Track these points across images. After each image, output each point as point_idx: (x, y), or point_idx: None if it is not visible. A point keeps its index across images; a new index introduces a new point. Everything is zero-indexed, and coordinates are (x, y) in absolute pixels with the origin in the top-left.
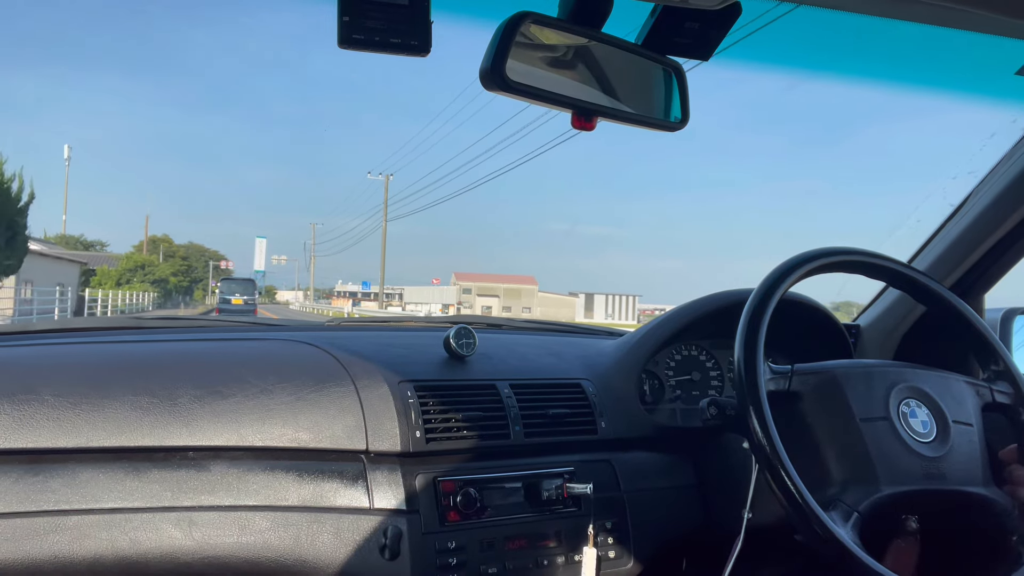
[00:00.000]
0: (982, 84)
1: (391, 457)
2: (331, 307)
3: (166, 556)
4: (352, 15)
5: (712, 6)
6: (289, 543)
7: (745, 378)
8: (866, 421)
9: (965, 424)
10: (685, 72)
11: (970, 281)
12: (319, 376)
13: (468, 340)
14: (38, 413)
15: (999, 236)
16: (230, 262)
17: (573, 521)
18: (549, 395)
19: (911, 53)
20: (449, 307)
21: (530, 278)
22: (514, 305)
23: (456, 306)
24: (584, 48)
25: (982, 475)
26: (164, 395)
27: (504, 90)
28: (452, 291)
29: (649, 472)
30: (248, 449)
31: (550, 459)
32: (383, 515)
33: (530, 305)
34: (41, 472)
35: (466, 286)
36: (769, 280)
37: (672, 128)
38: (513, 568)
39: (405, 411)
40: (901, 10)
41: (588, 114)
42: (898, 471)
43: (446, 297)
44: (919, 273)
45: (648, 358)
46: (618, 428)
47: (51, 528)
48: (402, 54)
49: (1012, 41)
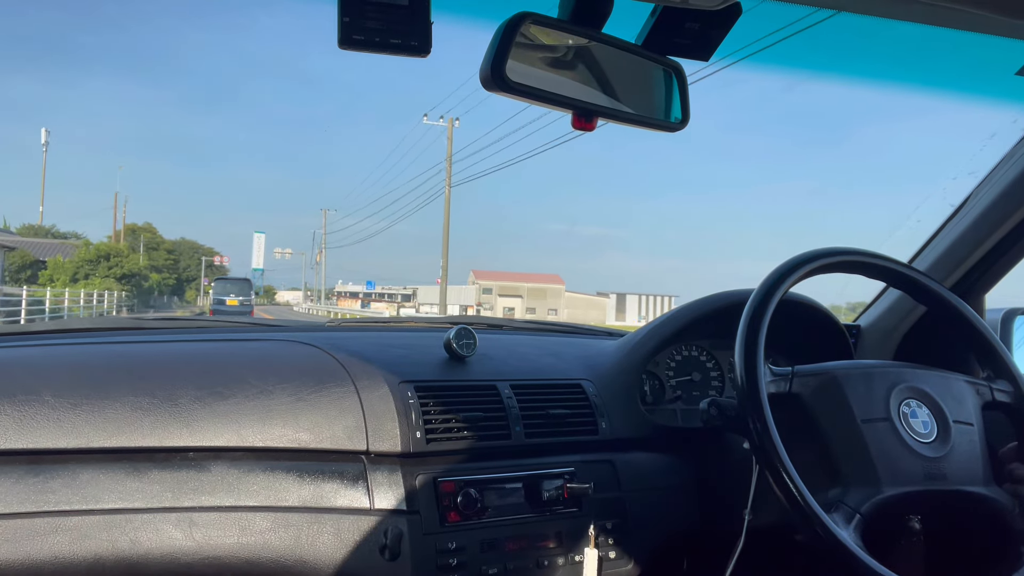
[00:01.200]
0: (982, 84)
1: (391, 458)
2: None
3: (166, 556)
4: (352, 16)
5: (712, 6)
6: (289, 544)
7: (745, 378)
8: (867, 422)
9: (966, 424)
10: (685, 72)
11: (970, 281)
12: (319, 377)
13: (468, 341)
14: (38, 414)
15: (999, 236)
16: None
17: (573, 521)
18: (550, 395)
19: (911, 53)
20: (468, 308)
21: (555, 277)
22: (539, 306)
23: (475, 307)
24: (584, 48)
25: (983, 475)
26: (164, 396)
27: (504, 90)
28: (471, 291)
29: (650, 472)
30: (248, 450)
31: (551, 459)
32: (383, 516)
33: (556, 306)
34: (41, 473)
35: (486, 285)
36: (769, 281)
37: (672, 128)
38: (514, 568)
39: (405, 412)
40: (901, 10)
41: (588, 114)
42: (899, 472)
43: (465, 297)
44: (919, 273)
45: (648, 358)
46: (619, 428)
47: (51, 529)
48: (402, 54)
49: (1012, 41)
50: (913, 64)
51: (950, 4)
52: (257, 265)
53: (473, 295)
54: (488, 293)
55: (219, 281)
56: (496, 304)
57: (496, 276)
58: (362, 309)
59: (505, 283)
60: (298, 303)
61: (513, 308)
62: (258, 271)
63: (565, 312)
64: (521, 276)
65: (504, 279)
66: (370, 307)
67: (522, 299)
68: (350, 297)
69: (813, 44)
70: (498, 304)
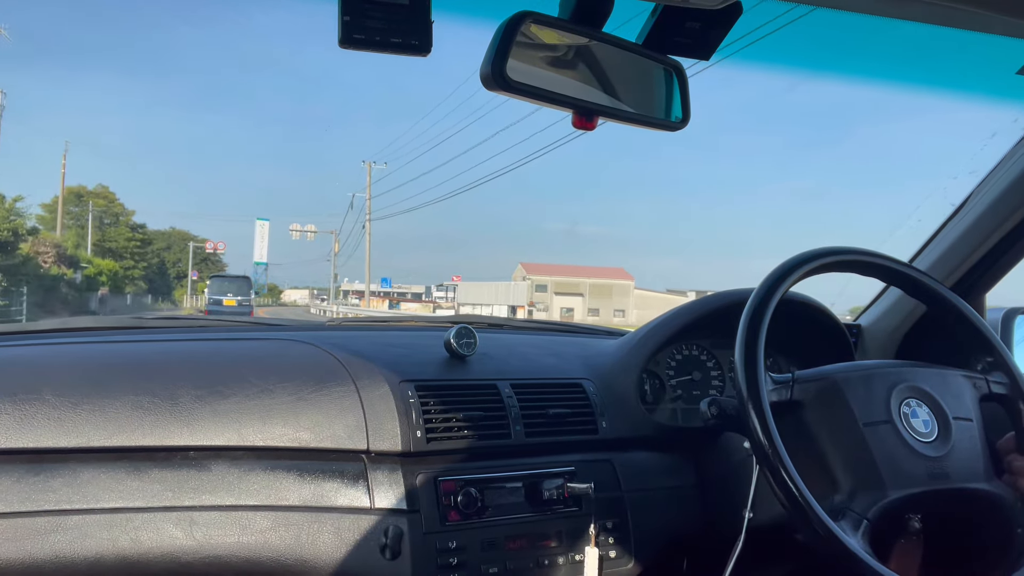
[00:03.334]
0: (983, 84)
1: (392, 457)
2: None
3: (167, 556)
4: (353, 15)
5: (713, 6)
6: (290, 543)
7: (745, 378)
8: (869, 426)
9: (965, 420)
10: (686, 72)
11: (971, 281)
12: (320, 376)
13: (468, 340)
14: (39, 413)
15: (1000, 236)
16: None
17: (574, 521)
18: (550, 395)
19: (912, 53)
20: (518, 309)
21: (620, 271)
22: (603, 306)
23: (527, 308)
24: (585, 48)
25: (984, 470)
26: (165, 395)
27: (504, 90)
28: (522, 288)
29: (650, 472)
30: (249, 449)
31: (551, 459)
32: (384, 515)
33: (624, 306)
34: (42, 472)
35: (539, 281)
36: (769, 280)
37: (673, 128)
38: (514, 568)
39: (406, 411)
40: (901, 10)
41: (589, 114)
42: (903, 474)
43: (514, 296)
44: (920, 273)
45: (649, 358)
46: (619, 428)
47: (52, 528)
48: (403, 54)
49: (1012, 41)
50: (914, 64)
51: (950, 4)
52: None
53: (524, 293)
54: (542, 291)
55: (215, 279)
56: (552, 304)
57: (550, 270)
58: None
59: (562, 278)
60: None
61: (572, 309)
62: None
63: (634, 314)
64: (580, 270)
65: (560, 273)
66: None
67: (583, 298)
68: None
69: (813, 43)
70: (554, 304)
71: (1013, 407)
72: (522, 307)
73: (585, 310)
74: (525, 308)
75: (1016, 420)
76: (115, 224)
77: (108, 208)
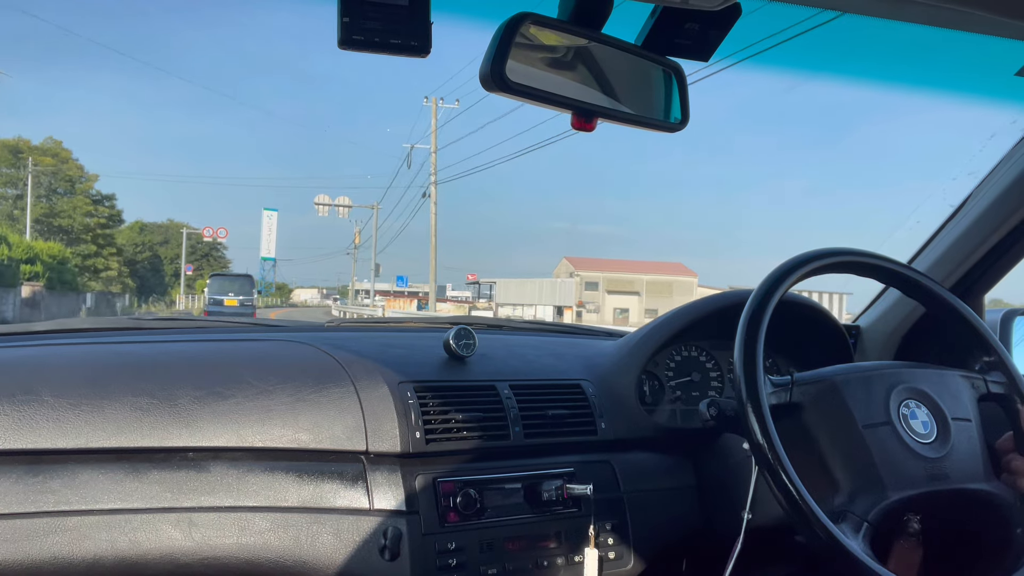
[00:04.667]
0: (982, 85)
1: (391, 458)
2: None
3: (166, 557)
4: (352, 16)
5: (712, 7)
6: (289, 544)
7: (744, 379)
8: (868, 428)
9: (963, 420)
10: (685, 73)
11: (970, 282)
12: (319, 377)
13: (468, 341)
14: (38, 414)
15: (999, 237)
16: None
17: (573, 522)
18: (549, 396)
19: (911, 54)
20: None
21: (679, 266)
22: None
23: (576, 309)
24: (584, 49)
25: (983, 471)
26: (164, 396)
27: (504, 91)
28: (570, 285)
29: (649, 473)
30: (248, 450)
31: (550, 460)
32: (383, 516)
33: None
34: (41, 473)
35: (589, 278)
36: (768, 281)
37: (672, 129)
38: (513, 569)
39: (405, 412)
40: (901, 11)
41: (588, 115)
42: (903, 476)
43: (561, 295)
44: (918, 274)
45: (648, 359)
46: (618, 429)
47: (51, 529)
48: (402, 55)
49: (1012, 42)
50: (913, 65)
51: (950, 4)
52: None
53: (573, 291)
54: (592, 289)
55: (215, 278)
56: (604, 304)
57: (601, 265)
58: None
59: (614, 275)
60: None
61: (627, 310)
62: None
63: None
64: (636, 265)
65: (612, 269)
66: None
67: (639, 296)
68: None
69: (813, 44)
70: (607, 304)
71: (1011, 407)
72: (569, 308)
73: (642, 311)
74: (573, 309)
75: (1014, 420)
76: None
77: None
